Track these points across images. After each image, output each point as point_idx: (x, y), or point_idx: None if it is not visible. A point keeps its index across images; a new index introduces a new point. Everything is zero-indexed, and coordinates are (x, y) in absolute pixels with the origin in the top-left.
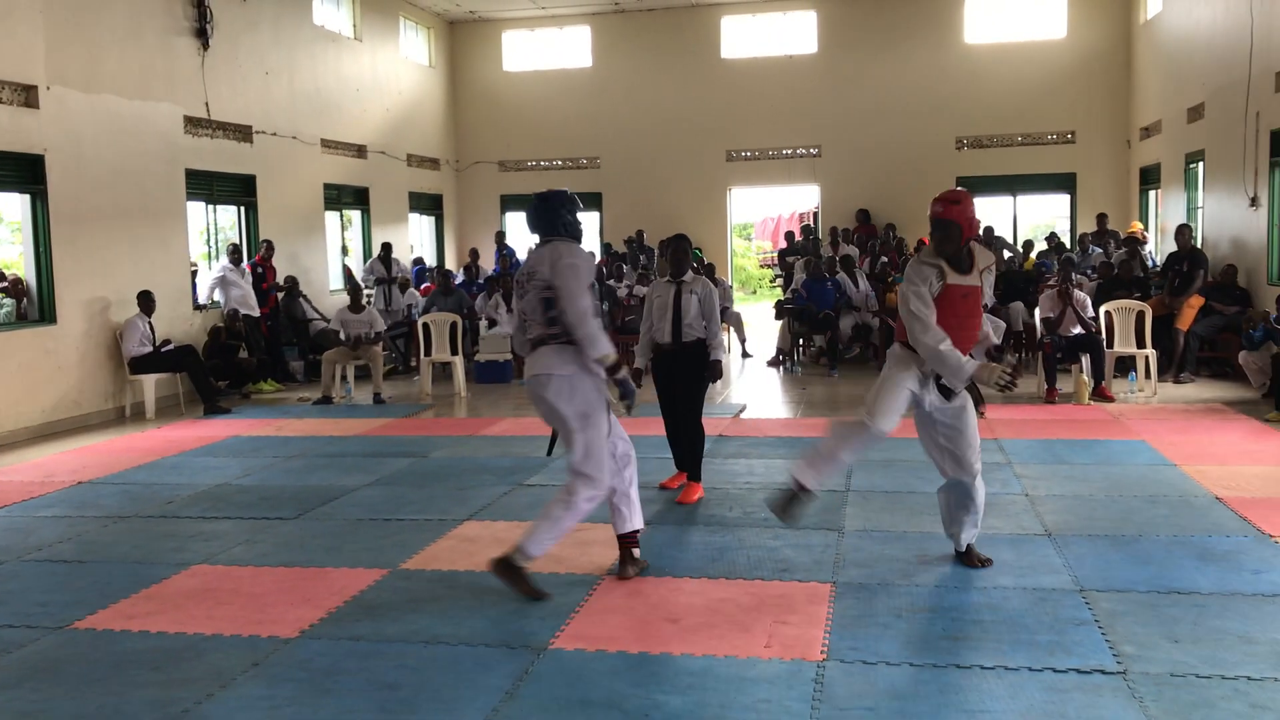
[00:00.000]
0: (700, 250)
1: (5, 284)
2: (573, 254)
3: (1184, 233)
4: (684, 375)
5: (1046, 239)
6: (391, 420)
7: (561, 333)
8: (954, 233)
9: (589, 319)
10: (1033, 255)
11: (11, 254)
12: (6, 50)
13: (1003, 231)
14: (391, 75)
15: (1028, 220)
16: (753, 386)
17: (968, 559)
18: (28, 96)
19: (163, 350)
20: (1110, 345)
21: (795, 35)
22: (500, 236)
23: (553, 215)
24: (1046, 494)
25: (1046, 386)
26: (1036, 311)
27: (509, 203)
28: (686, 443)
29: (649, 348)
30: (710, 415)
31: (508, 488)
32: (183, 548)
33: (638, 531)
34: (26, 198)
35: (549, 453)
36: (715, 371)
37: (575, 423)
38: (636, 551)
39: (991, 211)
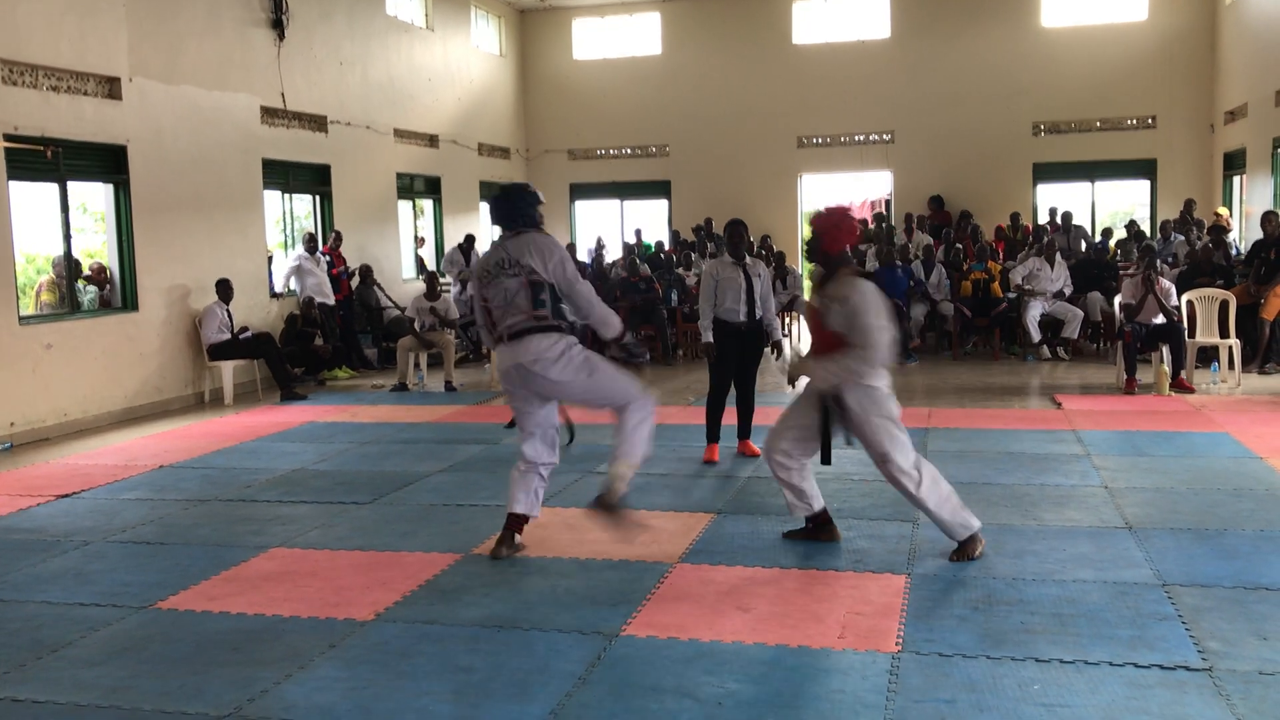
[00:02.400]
0: (769, 237)
1: (91, 272)
2: (557, 244)
3: (1270, 219)
4: (751, 352)
5: (1126, 226)
6: (463, 407)
7: (548, 318)
8: (814, 244)
9: (596, 302)
10: (1111, 243)
11: (94, 243)
12: (92, 44)
13: (1081, 219)
14: (463, 65)
15: (1106, 207)
16: None
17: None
18: (111, 88)
19: (240, 337)
20: (1192, 335)
21: (868, 20)
22: (600, 243)
23: (522, 207)
24: (1126, 486)
25: (1125, 377)
26: (1115, 300)
27: (578, 191)
28: (746, 410)
29: (711, 323)
30: (779, 405)
31: (577, 475)
32: (261, 531)
33: (530, 519)
34: (110, 187)
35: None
36: (780, 349)
37: (586, 382)
38: (520, 537)
39: (1069, 198)
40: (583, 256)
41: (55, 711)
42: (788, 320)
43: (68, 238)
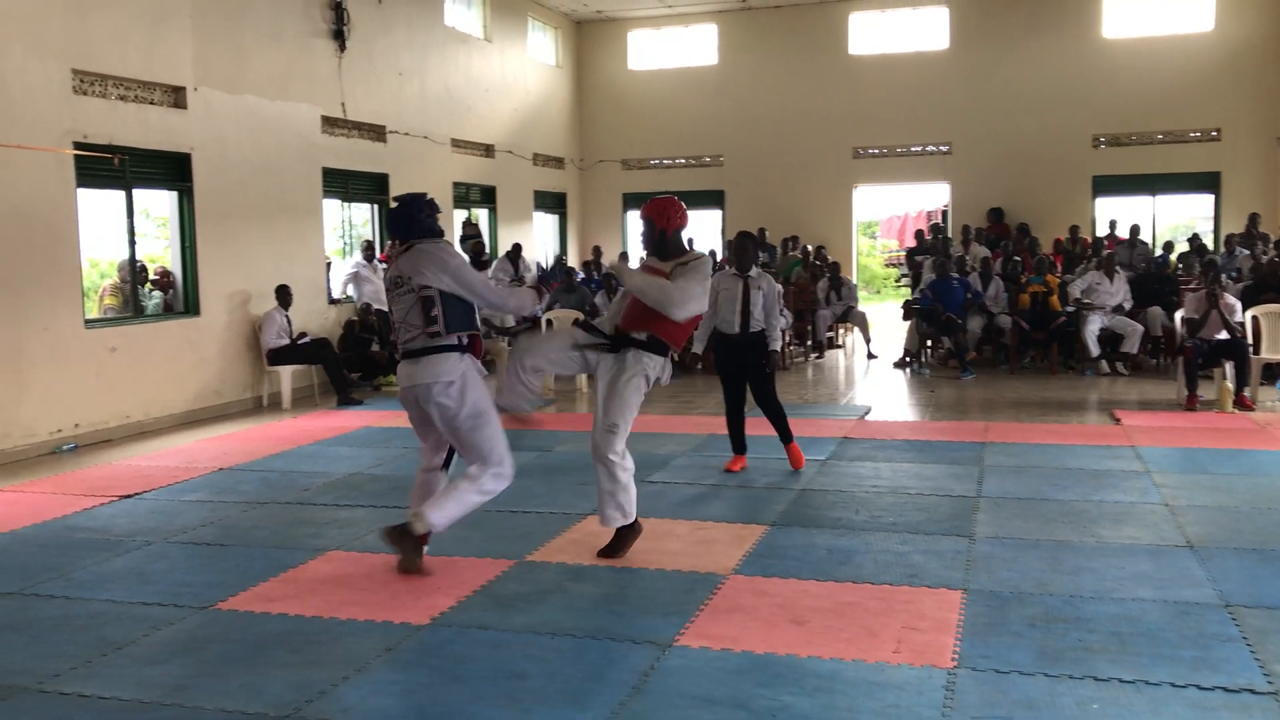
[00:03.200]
0: (824, 248)
1: (156, 276)
2: (450, 252)
3: None
4: (753, 364)
5: (1188, 240)
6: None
7: (441, 334)
8: (649, 229)
9: (504, 294)
10: (1172, 257)
11: (155, 248)
12: (159, 54)
13: (1141, 233)
14: (519, 75)
15: (1166, 220)
16: (878, 388)
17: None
18: (177, 98)
19: (299, 343)
20: (1256, 351)
21: (926, 30)
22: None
23: (418, 218)
24: (1188, 504)
25: (1187, 393)
26: (1177, 316)
27: (631, 201)
28: (773, 418)
29: (708, 335)
30: (834, 416)
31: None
32: (318, 534)
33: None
34: (174, 194)
35: (446, 466)
36: (771, 361)
37: (469, 423)
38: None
39: (1129, 211)
40: (634, 265)
41: (119, 708)
42: (842, 330)
43: (133, 243)
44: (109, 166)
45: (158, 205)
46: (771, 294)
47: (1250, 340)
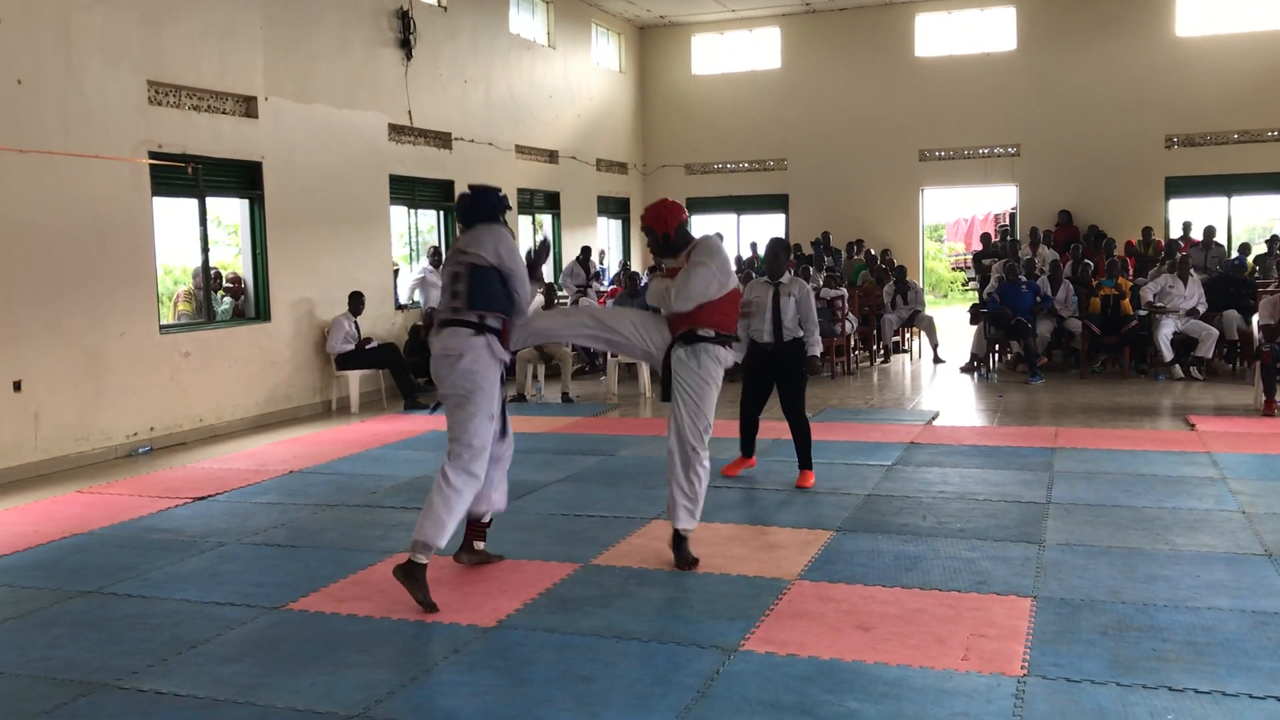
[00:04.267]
0: (889, 252)
1: (229, 283)
2: (506, 233)
3: None
4: (783, 373)
5: (1266, 242)
6: (579, 419)
7: (463, 310)
8: (652, 239)
9: (526, 291)
10: (1249, 259)
11: (227, 255)
12: (231, 65)
13: (1218, 235)
14: (583, 81)
15: (1242, 221)
16: (945, 393)
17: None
18: (248, 107)
19: (366, 348)
20: None
21: (993, 32)
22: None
23: (476, 206)
24: (1266, 512)
25: (1264, 398)
26: (1254, 319)
27: (694, 205)
28: (797, 436)
29: (744, 345)
30: (900, 421)
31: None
32: (386, 536)
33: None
34: (245, 202)
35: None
36: (813, 367)
37: (457, 400)
38: (482, 544)
39: (1205, 213)
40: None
41: (195, 705)
42: (908, 334)
43: (205, 250)
44: (182, 175)
45: (229, 213)
46: (806, 299)
47: None
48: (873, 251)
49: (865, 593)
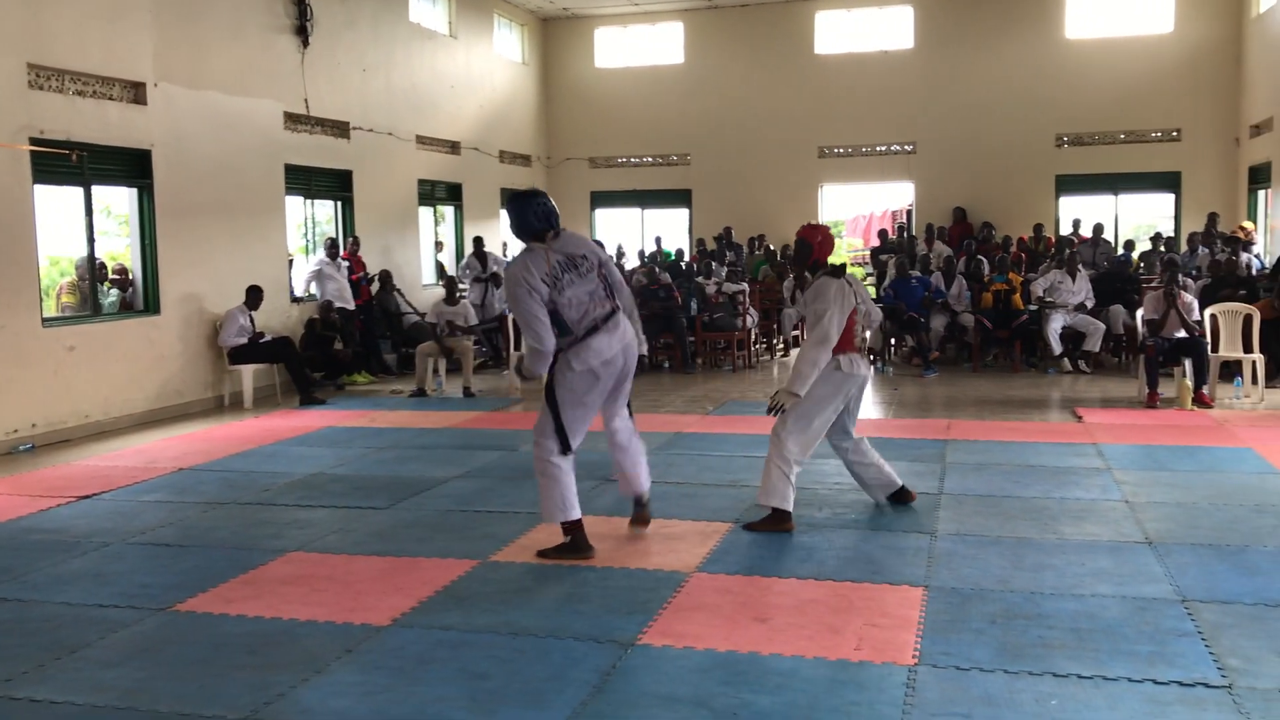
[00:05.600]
0: (790, 247)
1: (115, 275)
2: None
3: None
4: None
5: (1151, 239)
6: (481, 414)
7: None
8: (803, 252)
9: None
10: (1134, 256)
11: (117, 246)
12: (118, 49)
13: (1105, 233)
14: (485, 72)
15: (1129, 220)
16: None
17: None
18: (136, 93)
19: (260, 341)
20: (1215, 349)
21: (891, 30)
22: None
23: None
24: (1147, 501)
25: (1148, 391)
26: (1138, 314)
27: (599, 199)
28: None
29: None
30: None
31: (594, 483)
32: (279, 534)
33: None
34: (134, 191)
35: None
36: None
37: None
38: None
39: (1092, 210)
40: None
41: (73, 713)
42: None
43: (91, 241)
44: (66, 163)
45: (119, 202)
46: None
47: (1209, 339)
48: (773, 247)
49: (762, 584)
